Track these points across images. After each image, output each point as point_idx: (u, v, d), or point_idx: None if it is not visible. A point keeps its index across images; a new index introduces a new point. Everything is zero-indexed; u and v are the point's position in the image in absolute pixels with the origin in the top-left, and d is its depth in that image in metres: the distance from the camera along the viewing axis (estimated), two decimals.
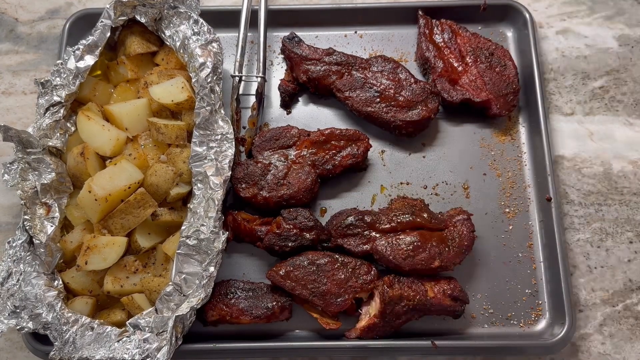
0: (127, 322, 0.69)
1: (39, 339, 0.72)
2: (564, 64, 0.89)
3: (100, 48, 0.80)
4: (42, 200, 0.74)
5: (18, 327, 0.69)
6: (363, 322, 0.71)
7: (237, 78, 0.84)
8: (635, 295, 0.77)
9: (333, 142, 0.79)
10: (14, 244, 0.73)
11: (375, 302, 0.71)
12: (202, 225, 0.70)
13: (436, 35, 0.86)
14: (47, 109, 0.77)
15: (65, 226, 0.76)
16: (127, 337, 0.68)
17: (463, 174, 0.82)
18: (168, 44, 0.81)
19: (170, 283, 0.69)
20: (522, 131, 0.84)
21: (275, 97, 0.87)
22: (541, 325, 0.75)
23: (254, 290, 0.74)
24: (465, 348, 0.71)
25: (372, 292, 0.72)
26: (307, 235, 0.74)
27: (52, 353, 0.68)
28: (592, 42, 0.91)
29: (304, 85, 0.86)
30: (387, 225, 0.74)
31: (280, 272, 0.72)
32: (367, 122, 0.84)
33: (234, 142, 0.75)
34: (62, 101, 0.77)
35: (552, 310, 0.75)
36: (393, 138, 0.84)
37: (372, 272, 0.72)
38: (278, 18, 0.89)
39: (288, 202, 0.76)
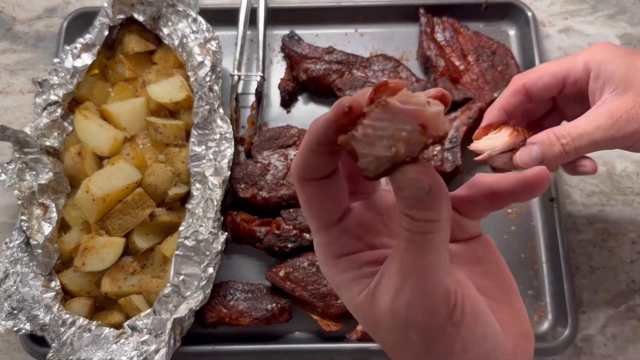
0: (124, 324, 0.68)
1: (37, 340, 0.72)
2: None
3: (98, 47, 0.79)
4: (40, 200, 0.73)
5: (15, 329, 0.69)
6: None
7: (236, 77, 0.83)
8: (638, 297, 0.76)
9: None
10: (11, 245, 0.72)
11: None
12: (201, 226, 0.70)
13: (437, 34, 0.85)
14: (44, 109, 0.76)
15: (63, 227, 0.76)
16: (125, 338, 0.68)
17: None
18: (166, 42, 0.80)
19: (169, 284, 0.69)
20: None
21: (274, 96, 0.86)
22: (543, 326, 0.74)
23: (253, 292, 0.73)
24: None
25: None
26: (307, 236, 0.73)
27: (49, 355, 0.68)
28: (594, 40, 0.90)
29: (304, 84, 0.85)
30: None
31: (280, 274, 0.71)
32: None
33: (233, 142, 0.74)
34: (60, 100, 0.77)
35: (554, 312, 0.74)
36: None
37: None
38: (278, 16, 0.88)
39: (288, 202, 0.75)
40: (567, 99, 0.58)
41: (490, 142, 0.54)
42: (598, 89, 0.53)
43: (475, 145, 0.56)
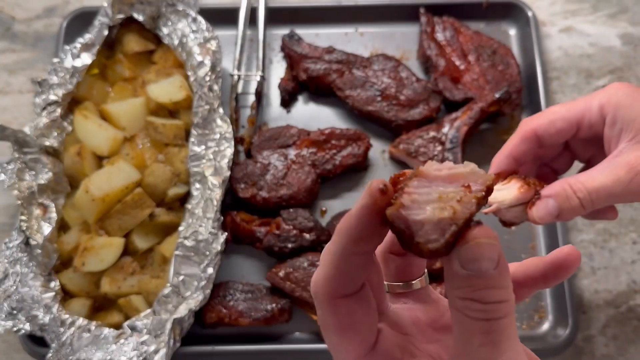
0: (124, 324, 0.68)
1: (36, 341, 0.71)
2: (567, 63, 0.89)
3: (97, 46, 0.79)
4: (39, 200, 0.73)
5: (15, 329, 0.69)
6: None
7: (235, 76, 0.83)
8: (639, 297, 0.76)
9: (333, 141, 0.79)
10: (10, 245, 0.72)
11: None
12: (201, 226, 0.70)
13: (438, 33, 0.85)
14: (43, 108, 0.76)
15: (63, 227, 0.75)
16: (125, 339, 0.67)
17: None
18: (166, 42, 0.80)
19: (168, 285, 0.68)
20: None
21: (274, 95, 0.86)
22: (544, 327, 0.74)
23: (253, 292, 0.73)
24: None
25: None
26: (307, 236, 0.73)
27: (49, 355, 0.67)
28: (595, 40, 0.90)
29: (304, 84, 0.85)
30: None
31: (280, 274, 0.71)
32: (368, 121, 0.83)
33: (232, 142, 0.74)
34: (59, 100, 0.76)
35: (555, 312, 0.74)
36: (394, 137, 0.83)
37: None
38: (278, 16, 0.88)
39: (288, 202, 0.75)
40: (580, 142, 0.55)
41: (498, 195, 0.50)
42: (614, 136, 0.48)
43: None
